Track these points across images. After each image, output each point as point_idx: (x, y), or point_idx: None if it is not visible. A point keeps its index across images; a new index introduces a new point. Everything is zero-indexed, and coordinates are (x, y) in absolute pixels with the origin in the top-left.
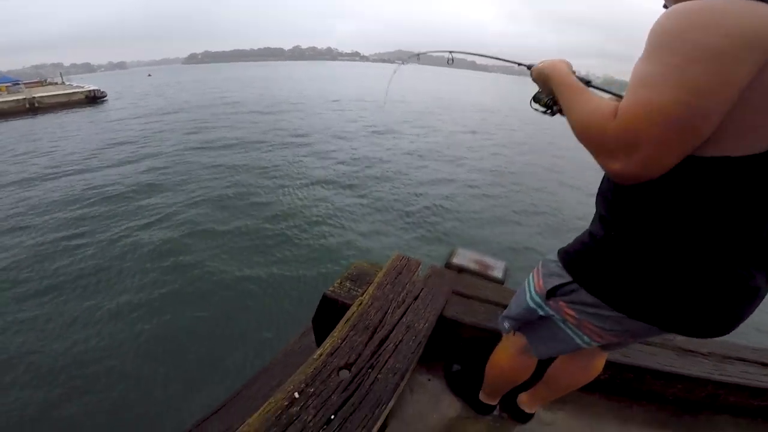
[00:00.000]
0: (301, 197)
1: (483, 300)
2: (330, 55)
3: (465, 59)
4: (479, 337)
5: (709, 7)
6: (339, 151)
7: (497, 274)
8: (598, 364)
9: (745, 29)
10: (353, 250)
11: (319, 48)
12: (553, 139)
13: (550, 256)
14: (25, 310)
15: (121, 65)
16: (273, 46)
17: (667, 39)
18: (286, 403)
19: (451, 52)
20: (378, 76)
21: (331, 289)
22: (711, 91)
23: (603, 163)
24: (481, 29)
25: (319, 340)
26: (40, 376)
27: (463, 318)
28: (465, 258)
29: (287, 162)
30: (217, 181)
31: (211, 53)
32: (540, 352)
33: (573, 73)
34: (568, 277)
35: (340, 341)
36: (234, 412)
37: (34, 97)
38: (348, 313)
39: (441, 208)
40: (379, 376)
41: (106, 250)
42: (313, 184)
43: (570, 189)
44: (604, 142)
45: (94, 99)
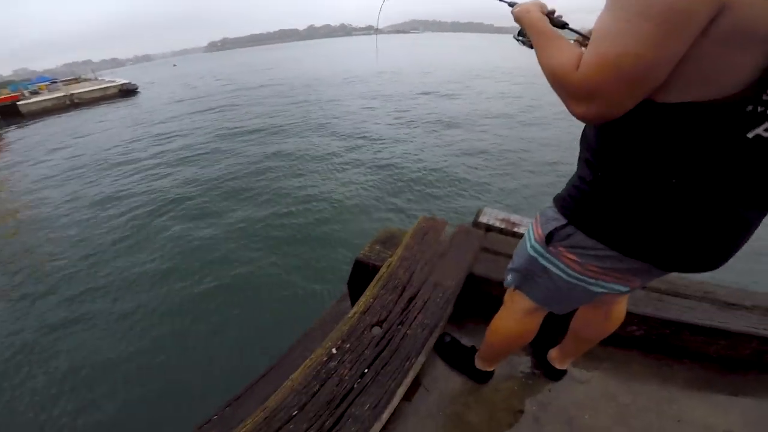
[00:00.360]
0: (338, 180)
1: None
2: (344, 31)
3: (482, 23)
4: None
5: None
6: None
7: (525, 231)
8: (617, 312)
9: None
10: (386, 220)
11: (332, 25)
12: None
13: (547, 205)
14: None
15: (146, 57)
16: (287, 28)
17: None
18: (325, 358)
19: None
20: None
21: (362, 252)
22: (660, 44)
23: (569, 107)
24: None
25: (354, 302)
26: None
27: (493, 275)
28: (492, 217)
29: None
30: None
31: (230, 40)
32: (548, 306)
33: (551, 13)
34: (563, 220)
35: (372, 300)
36: (281, 373)
37: (73, 93)
38: (378, 274)
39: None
40: (408, 332)
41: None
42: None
43: None
44: (569, 90)
45: (127, 92)
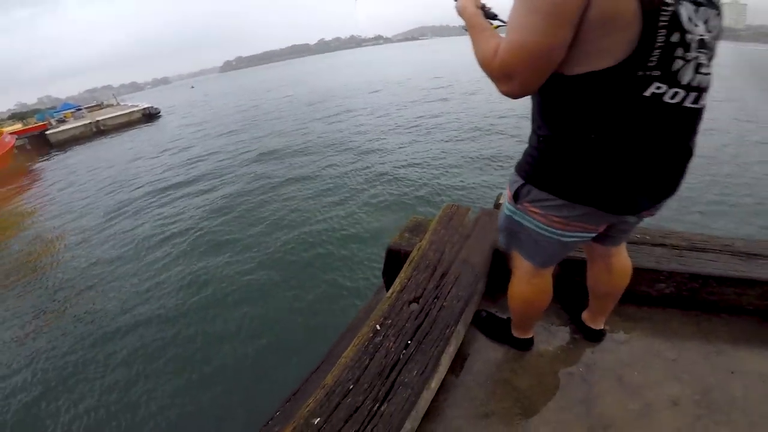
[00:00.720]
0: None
1: None
2: (354, 42)
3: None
4: None
5: None
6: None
7: None
8: (618, 265)
9: None
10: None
11: (342, 38)
12: None
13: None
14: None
15: (164, 80)
16: (299, 43)
17: None
18: (371, 334)
19: None
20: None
21: (392, 241)
22: (549, 33)
23: (496, 87)
24: None
25: (389, 288)
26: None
27: None
28: None
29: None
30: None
31: (243, 58)
32: (536, 260)
33: (482, 6)
34: (522, 180)
35: (406, 280)
36: (332, 364)
37: (98, 120)
38: (410, 257)
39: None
40: (444, 304)
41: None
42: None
43: None
44: (492, 73)
45: (150, 116)
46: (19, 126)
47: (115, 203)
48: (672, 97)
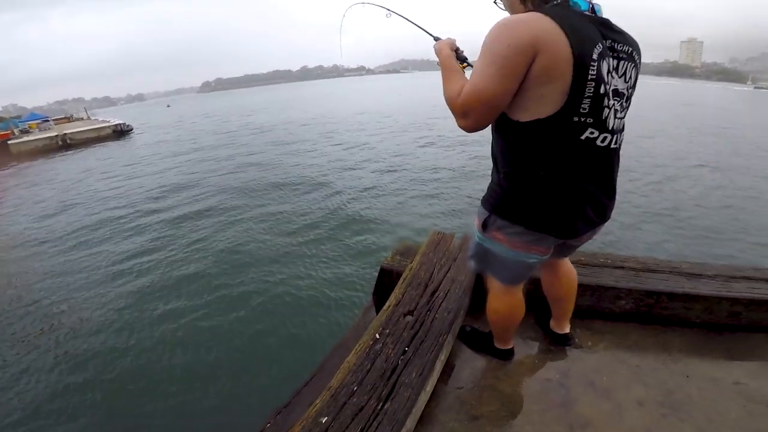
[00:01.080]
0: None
1: None
2: (337, 72)
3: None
4: None
5: (504, 24)
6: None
7: None
8: (564, 272)
9: (520, 40)
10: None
11: (325, 66)
12: None
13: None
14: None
15: (139, 97)
16: (281, 69)
17: (484, 46)
18: (371, 342)
19: (389, 10)
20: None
21: (385, 261)
22: (501, 82)
23: (455, 120)
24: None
25: (378, 309)
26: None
27: None
28: None
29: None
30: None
31: (223, 80)
32: (505, 280)
33: (456, 50)
34: (488, 212)
35: (401, 296)
36: (323, 377)
37: (66, 133)
38: (402, 276)
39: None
40: (436, 316)
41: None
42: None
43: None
44: (454, 110)
45: (121, 133)
46: None
47: (65, 225)
48: (602, 141)
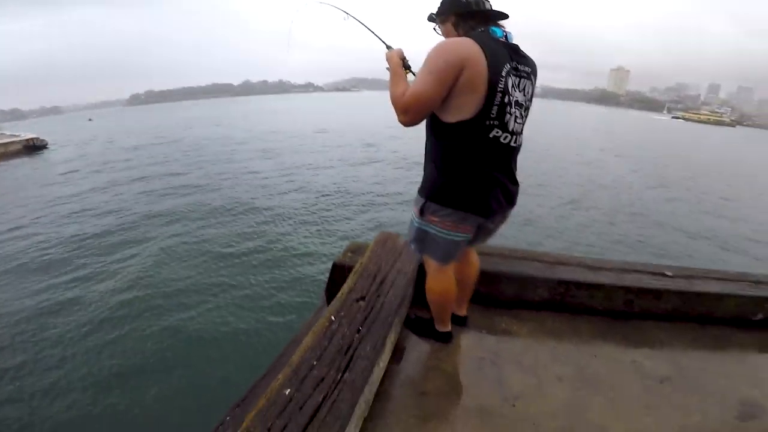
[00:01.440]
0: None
1: None
2: (282, 87)
3: None
4: None
5: (443, 44)
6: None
7: None
8: (470, 259)
9: (453, 57)
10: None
11: (270, 81)
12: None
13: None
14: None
15: (55, 110)
16: (221, 82)
17: (427, 59)
18: (327, 323)
19: (347, 13)
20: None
21: (338, 258)
22: (435, 88)
23: (396, 116)
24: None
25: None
26: None
27: None
28: None
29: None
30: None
31: (155, 93)
32: (439, 258)
33: (403, 58)
34: (423, 199)
35: (353, 285)
36: (279, 370)
37: None
38: (354, 269)
39: None
40: (385, 301)
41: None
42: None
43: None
44: (397, 107)
45: (33, 148)
46: None
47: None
48: (504, 139)
